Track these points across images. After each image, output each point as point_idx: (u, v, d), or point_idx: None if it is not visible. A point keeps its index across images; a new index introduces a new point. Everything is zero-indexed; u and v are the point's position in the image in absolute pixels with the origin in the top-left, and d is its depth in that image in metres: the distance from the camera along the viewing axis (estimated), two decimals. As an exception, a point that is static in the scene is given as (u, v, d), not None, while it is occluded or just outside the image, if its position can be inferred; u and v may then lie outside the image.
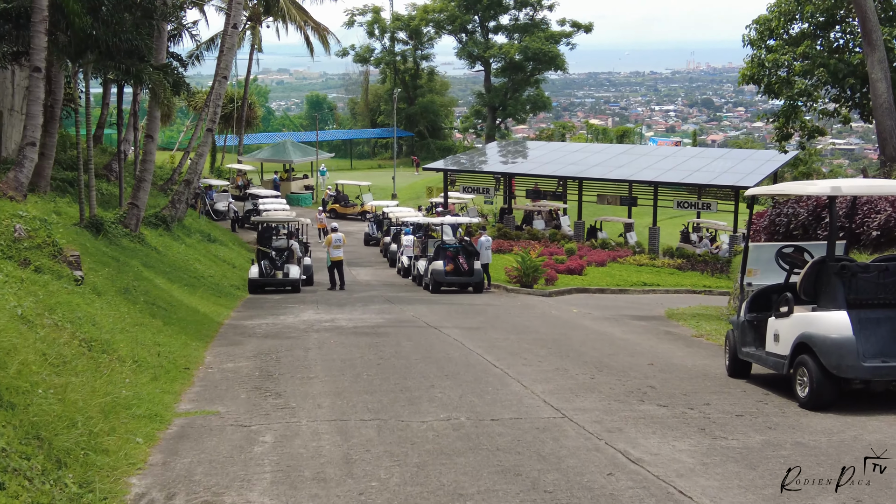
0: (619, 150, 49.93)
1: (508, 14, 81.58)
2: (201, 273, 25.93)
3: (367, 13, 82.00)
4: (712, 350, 13.63)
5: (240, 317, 18.85)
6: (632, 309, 22.14)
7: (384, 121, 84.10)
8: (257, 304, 22.68)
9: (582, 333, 15.59)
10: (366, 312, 19.60)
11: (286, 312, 19.68)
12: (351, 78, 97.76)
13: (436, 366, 11.93)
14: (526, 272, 26.73)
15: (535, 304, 22.73)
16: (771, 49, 27.10)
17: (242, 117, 60.16)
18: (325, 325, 16.96)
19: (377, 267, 36.56)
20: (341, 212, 51.81)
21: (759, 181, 40.26)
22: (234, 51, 32.85)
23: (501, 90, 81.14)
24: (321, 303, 22.59)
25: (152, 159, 27.01)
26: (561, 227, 44.02)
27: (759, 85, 27.32)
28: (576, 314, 19.67)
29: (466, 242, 26.79)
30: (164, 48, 27.00)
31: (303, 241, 31.63)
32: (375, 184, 56.68)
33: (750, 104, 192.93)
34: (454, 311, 19.95)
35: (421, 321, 17.65)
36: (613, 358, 12.71)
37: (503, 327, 16.58)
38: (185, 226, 34.96)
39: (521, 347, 13.69)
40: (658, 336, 15.40)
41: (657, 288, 31.16)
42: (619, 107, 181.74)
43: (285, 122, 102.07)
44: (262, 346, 14.08)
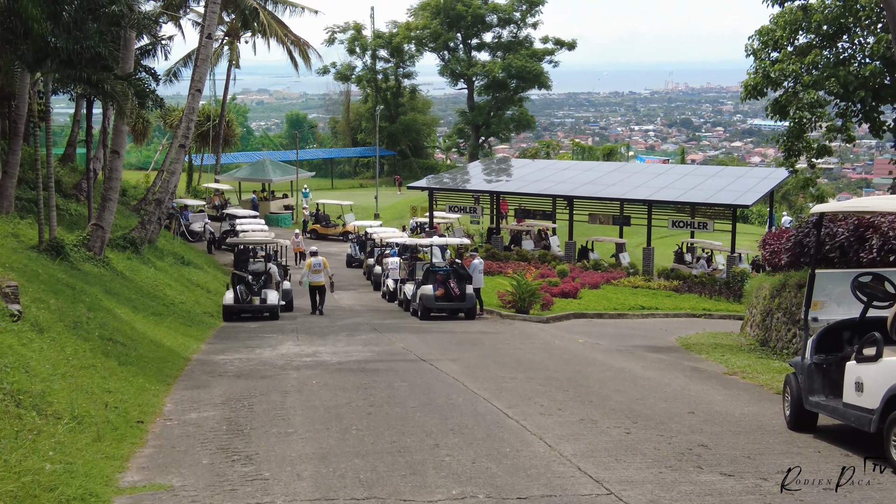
0: (610, 167, 48.37)
1: (491, 32, 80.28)
2: (172, 299, 23.97)
3: (348, 30, 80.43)
4: (754, 392, 11.85)
5: (211, 350, 16.93)
6: (639, 337, 20.41)
7: (365, 139, 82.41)
8: (232, 333, 20.78)
9: (598, 370, 13.77)
10: (351, 343, 17.74)
11: (263, 344, 17.79)
12: (331, 98, 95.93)
13: (438, 415, 10.07)
14: (521, 297, 24.94)
15: (534, 332, 20.93)
16: (776, 60, 25.58)
17: (220, 135, 58.31)
18: (306, 360, 15.08)
19: (361, 290, 34.67)
20: (322, 232, 49.90)
21: (756, 199, 38.85)
22: (208, 62, 31.01)
23: (485, 108, 79.70)
24: (301, 332, 20.73)
25: (118, 177, 25.06)
26: (550, 247, 42.34)
27: (763, 98, 25.79)
28: (582, 345, 17.89)
29: (458, 265, 24.96)
30: (131, 58, 25.14)
31: (282, 264, 29.76)
32: (357, 203, 54.80)
33: (728, 124, 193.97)
34: (448, 342, 18.13)
35: (412, 354, 15.81)
36: (644, 404, 10.89)
37: (506, 362, 14.75)
38: (157, 248, 33.00)
39: (532, 389, 11.85)
40: (685, 373, 13.61)
41: (656, 312, 29.64)
42: (599, 126, 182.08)
43: (265, 142, 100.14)
44: (233, 388, 12.19)
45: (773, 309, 17.03)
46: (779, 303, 16.73)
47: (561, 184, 41.90)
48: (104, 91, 22.54)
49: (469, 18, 77.15)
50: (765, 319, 17.64)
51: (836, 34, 25.83)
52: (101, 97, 24.24)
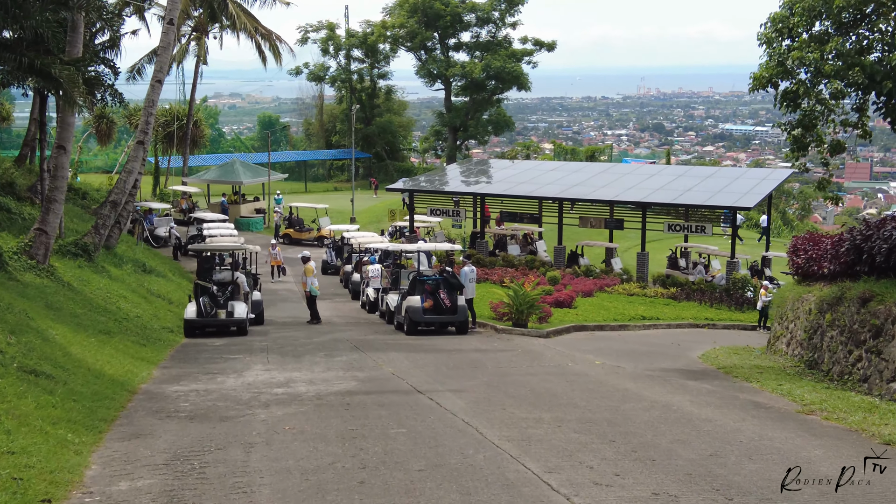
0: (599, 168, 45.95)
1: (469, 31, 77.79)
2: (125, 313, 21.20)
3: (322, 30, 77.61)
4: (854, 442, 9.26)
5: (164, 377, 14.22)
6: (657, 356, 17.99)
7: (340, 141, 79.62)
8: (192, 353, 18.08)
9: (640, 408, 11.18)
10: (330, 367, 15.11)
11: (227, 368, 15.12)
12: (304, 102, 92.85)
13: (455, 486, 7.45)
14: (519, 308, 22.39)
15: (538, 350, 18.37)
16: (792, 48, 23.23)
17: (187, 135, 55.43)
18: (278, 392, 12.43)
19: (338, 300, 31.99)
20: (296, 237, 47.12)
21: (758, 201, 36.55)
22: (170, 51, 28.20)
23: (462, 110, 77.20)
24: (273, 351, 18.06)
25: (65, 175, 22.22)
26: (537, 252, 39.87)
27: (776, 89, 23.42)
28: (602, 368, 15.34)
29: (448, 273, 22.32)
30: (79, 41, 22.33)
31: (251, 273, 27.05)
32: (332, 207, 52.02)
33: (700, 129, 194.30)
34: (444, 365, 15.55)
35: (405, 383, 13.20)
36: (725, 463, 8.25)
37: (521, 395, 12.15)
38: (116, 255, 30.19)
39: (569, 440, 9.24)
40: (749, 412, 11.03)
41: (658, 322, 27.53)
42: (573, 131, 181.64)
43: (236, 144, 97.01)
44: (182, 438, 9.52)
45: (825, 326, 14.61)
46: (832, 319, 14.30)
47: (549, 185, 39.44)
48: (49, 77, 19.79)
49: (447, 17, 74.68)
50: (811, 338, 15.22)
51: (855, 22, 23.64)
52: (47, 85, 21.45)
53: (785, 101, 23.38)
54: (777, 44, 23.69)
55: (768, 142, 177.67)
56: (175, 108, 56.57)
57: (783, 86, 22.98)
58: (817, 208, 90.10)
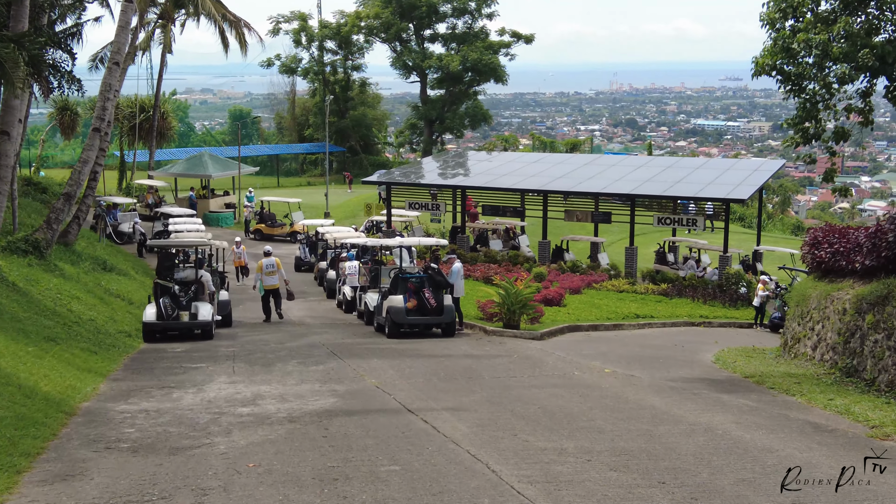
0: (584, 160, 44.16)
1: (446, 23, 75.82)
2: (77, 316, 19.16)
3: (294, 20, 75.32)
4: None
5: (112, 393, 12.24)
6: (666, 360, 16.22)
7: (313, 135, 77.38)
8: (150, 361, 16.11)
9: (677, 432, 9.31)
10: (305, 379, 13.21)
11: (186, 381, 13.18)
12: (276, 98, 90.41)
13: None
14: (511, 308, 20.54)
15: (535, 355, 16.54)
16: (797, 29, 21.53)
17: (154, 127, 53.12)
18: (242, 411, 10.51)
19: (312, 298, 30.04)
20: (267, 232, 45.00)
21: (752, 192, 34.91)
22: (128, 30, 26.04)
23: (438, 103, 75.25)
24: (240, 358, 16.12)
25: (8, 164, 20.07)
26: (520, 247, 38.08)
27: (781, 74, 21.71)
28: (612, 377, 13.52)
29: (434, 271, 20.40)
30: (24, 16, 20.20)
31: (217, 271, 25.05)
32: (306, 202, 49.89)
33: (672, 124, 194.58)
34: (434, 374, 13.68)
35: (394, 399, 11.33)
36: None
37: (532, 415, 10.29)
38: (74, 251, 28.11)
39: (606, 480, 7.37)
40: (809, 436, 9.19)
41: (653, 321, 26.02)
42: (546, 126, 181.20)
43: (206, 139, 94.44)
44: (117, 482, 7.57)
45: (865, 329, 12.89)
46: (875, 321, 12.59)
47: (532, 177, 37.65)
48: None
49: (423, 8, 72.69)
50: (847, 341, 13.50)
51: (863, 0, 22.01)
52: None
53: (788, 85, 21.61)
54: (780, 25, 22.01)
55: (740, 136, 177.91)
56: (142, 100, 54.27)
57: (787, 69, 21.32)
58: (795, 202, 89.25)
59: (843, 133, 22.92)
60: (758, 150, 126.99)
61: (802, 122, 20.52)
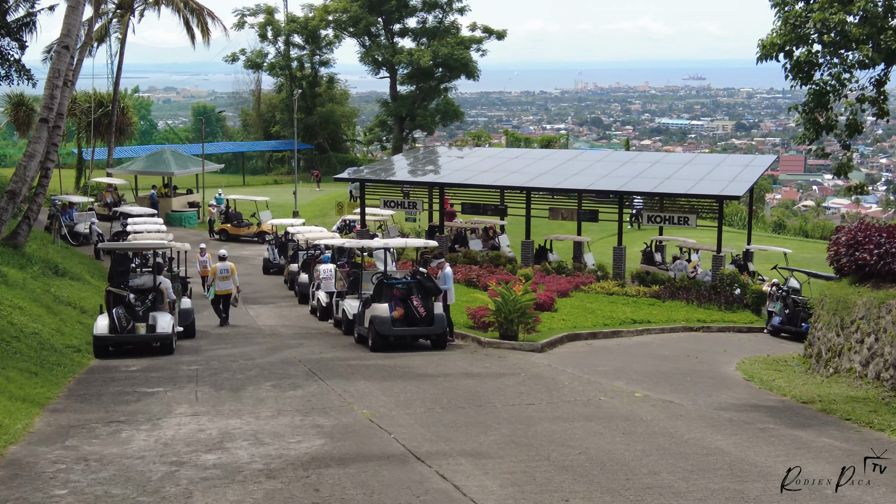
0: (568, 155, 42.26)
1: (416, 17, 73.68)
2: (19, 329, 16.83)
3: (259, 14, 72.80)
4: None
5: (47, 431, 10.01)
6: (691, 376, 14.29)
7: (280, 132, 74.87)
8: (99, 383, 13.86)
9: (771, 490, 7.21)
10: (282, 409, 11.05)
11: (138, 412, 10.97)
12: (241, 96, 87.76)
13: None
14: (508, 317, 18.46)
15: (545, 372, 14.46)
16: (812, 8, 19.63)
17: (112, 123, 50.52)
18: (208, 460, 8.33)
19: (283, 304, 27.80)
20: (233, 233, 42.60)
21: (746, 189, 33.13)
22: (78, 11, 23.57)
23: (408, 99, 73.08)
24: (205, 380, 13.91)
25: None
26: (500, 247, 36.09)
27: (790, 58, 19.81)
28: (647, 404, 11.47)
29: (423, 276, 18.26)
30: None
31: (179, 276, 22.76)
32: (273, 201, 47.51)
33: (637, 122, 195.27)
34: (435, 402, 11.56)
35: (395, 440, 9.21)
36: None
37: (577, 465, 8.14)
38: (24, 254, 25.69)
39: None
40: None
41: (650, 327, 24.52)
42: (512, 125, 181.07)
43: (169, 136, 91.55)
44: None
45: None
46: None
47: (514, 174, 35.66)
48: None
49: (392, 1, 70.50)
50: (915, 357, 11.61)
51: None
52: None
53: (797, 70, 19.58)
54: (791, 6, 20.08)
55: (704, 135, 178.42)
56: (100, 94, 51.63)
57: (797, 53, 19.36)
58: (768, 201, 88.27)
59: (856, 126, 20.96)
60: (721, 149, 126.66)
61: (812, 112, 18.66)
